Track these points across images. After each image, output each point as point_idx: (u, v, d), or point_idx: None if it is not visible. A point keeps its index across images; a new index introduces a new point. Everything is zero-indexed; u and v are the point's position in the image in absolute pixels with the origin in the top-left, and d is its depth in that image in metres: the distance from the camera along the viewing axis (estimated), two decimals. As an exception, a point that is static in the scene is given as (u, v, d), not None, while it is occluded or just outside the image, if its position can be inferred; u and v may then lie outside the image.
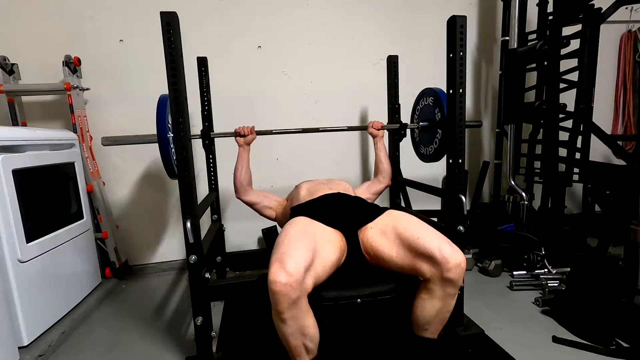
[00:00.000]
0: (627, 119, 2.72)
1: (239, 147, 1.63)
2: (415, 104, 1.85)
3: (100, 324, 1.72)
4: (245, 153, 1.63)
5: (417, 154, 1.89)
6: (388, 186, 1.82)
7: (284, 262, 0.95)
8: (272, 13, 2.27)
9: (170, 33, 1.09)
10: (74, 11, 2.06)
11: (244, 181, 1.62)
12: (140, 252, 2.32)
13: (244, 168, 1.61)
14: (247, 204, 1.67)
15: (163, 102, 1.36)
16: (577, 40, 1.95)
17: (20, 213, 1.41)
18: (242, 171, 1.61)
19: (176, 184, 1.21)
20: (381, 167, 1.81)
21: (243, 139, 1.62)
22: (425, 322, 1.12)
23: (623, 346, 1.31)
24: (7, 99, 1.87)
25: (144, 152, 2.19)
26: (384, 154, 1.82)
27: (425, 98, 1.72)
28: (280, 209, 1.65)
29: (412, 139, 1.95)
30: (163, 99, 1.37)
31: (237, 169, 1.62)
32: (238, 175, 1.61)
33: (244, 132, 1.61)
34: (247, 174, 1.62)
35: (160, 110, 1.35)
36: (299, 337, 1.01)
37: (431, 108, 1.66)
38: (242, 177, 1.61)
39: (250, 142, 1.64)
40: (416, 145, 1.91)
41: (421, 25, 2.46)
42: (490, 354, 1.33)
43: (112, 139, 1.42)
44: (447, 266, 1.01)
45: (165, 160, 1.36)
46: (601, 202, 1.84)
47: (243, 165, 1.61)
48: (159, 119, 1.33)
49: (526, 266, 1.97)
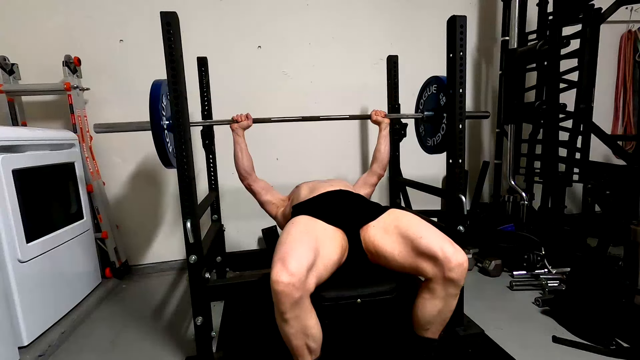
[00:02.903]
0: (627, 119, 2.72)
1: (233, 133, 1.58)
2: (419, 97, 1.81)
3: (100, 324, 1.72)
4: (241, 138, 1.58)
5: (424, 148, 1.83)
6: (381, 176, 1.75)
7: (286, 262, 0.94)
8: (272, 13, 2.27)
9: (170, 33, 1.09)
10: (74, 11, 2.06)
11: (247, 166, 1.58)
12: (140, 252, 2.32)
13: (243, 152, 1.57)
14: (252, 192, 1.63)
15: (156, 87, 1.32)
16: (577, 40, 1.96)
17: (20, 213, 1.41)
18: (243, 156, 1.57)
19: (176, 183, 1.21)
20: (378, 155, 1.73)
21: (238, 124, 1.57)
22: (426, 322, 1.12)
23: (623, 346, 1.31)
24: (7, 99, 1.87)
25: (144, 152, 2.19)
26: (385, 143, 1.73)
27: (429, 88, 1.70)
28: (282, 208, 1.63)
29: (418, 134, 1.88)
30: (156, 85, 1.33)
31: (237, 155, 1.58)
32: (239, 161, 1.57)
33: (240, 118, 1.57)
34: (248, 159, 1.58)
35: (153, 96, 1.29)
36: (301, 338, 1.01)
37: (435, 96, 1.63)
38: (243, 161, 1.57)
39: (246, 128, 1.60)
40: (422, 140, 1.84)
41: (421, 25, 2.46)
42: (490, 354, 1.33)
43: (104, 126, 1.40)
44: (449, 266, 1.01)
45: (160, 147, 1.32)
46: (601, 202, 1.83)
47: (242, 150, 1.57)
48: (152, 105, 1.29)
49: (526, 266, 1.97)
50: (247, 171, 1.58)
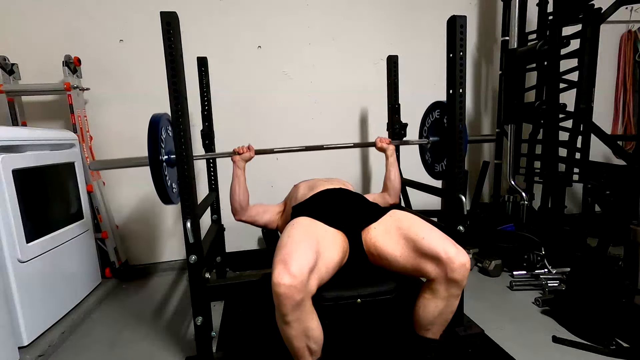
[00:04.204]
0: (627, 119, 2.72)
1: (234, 165, 1.51)
2: (422, 122, 1.75)
3: (100, 324, 1.72)
4: (241, 171, 1.51)
5: (431, 174, 1.73)
6: (396, 204, 1.69)
7: (287, 264, 0.93)
8: (272, 13, 2.27)
9: (170, 33, 1.09)
10: (74, 11, 2.06)
11: (243, 202, 1.51)
12: (140, 252, 2.31)
13: (241, 188, 1.50)
14: (247, 223, 1.59)
15: (155, 122, 1.26)
16: (577, 40, 1.95)
17: (20, 213, 1.41)
18: (240, 192, 1.50)
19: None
20: (389, 184, 1.67)
21: (240, 156, 1.51)
22: (428, 323, 1.12)
23: (623, 346, 1.31)
24: (7, 99, 1.87)
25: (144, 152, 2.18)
26: (394, 170, 1.66)
27: (432, 114, 1.64)
28: (280, 217, 1.60)
29: (423, 161, 1.81)
30: (156, 119, 1.27)
31: (235, 190, 1.50)
32: (236, 196, 1.50)
33: (242, 150, 1.51)
34: (245, 194, 1.51)
35: (152, 131, 1.24)
36: (302, 339, 1.00)
37: (439, 121, 1.59)
38: (240, 197, 1.50)
39: (248, 160, 1.54)
40: (429, 166, 1.75)
41: (421, 25, 2.46)
42: (490, 354, 1.33)
43: (100, 163, 1.39)
44: (452, 266, 1.01)
45: (158, 185, 1.25)
46: (601, 202, 1.83)
47: (240, 185, 1.50)
48: (151, 140, 1.22)
49: (526, 266, 1.97)
50: (242, 206, 1.52)
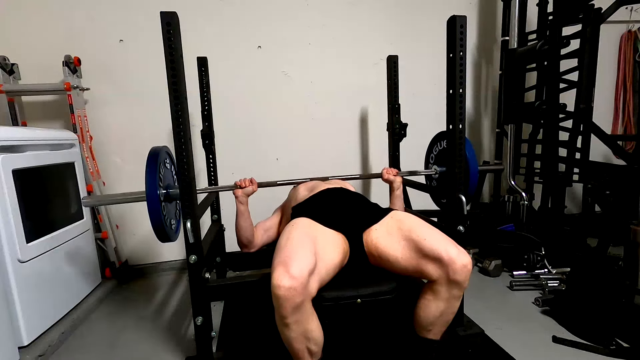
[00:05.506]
0: (627, 119, 2.72)
1: (237, 201, 1.41)
2: (429, 151, 1.68)
3: (100, 324, 1.72)
4: (245, 207, 1.42)
5: (439, 205, 1.64)
6: None
7: (287, 266, 0.93)
8: (272, 13, 2.27)
9: (170, 33, 1.09)
10: (74, 11, 2.06)
11: (250, 237, 1.46)
12: (140, 252, 2.31)
13: (247, 224, 1.43)
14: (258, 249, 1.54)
15: (154, 156, 1.21)
16: (577, 40, 1.96)
17: (20, 213, 1.41)
18: (246, 226, 1.43)
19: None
20: None
21: (242, 191, 1.41)
22: (428, 323, 1.12)
23: (623, 346, 1.31)
24: (7, 99, 1.86)
25: (144, 152, 2.18)
26: (399, 205, 1.57)
27: (440, 143, 1.57)
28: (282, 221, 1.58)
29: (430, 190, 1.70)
30: (154, 153, 1.22)
31: (240, 225, 1.43)
32: (243, 232, 1.44)
33: (244, 183, 1.43)
34: (250, 229, 1.45)
35: (150, 165, 1.19)
36: (302, 341, 1.00)
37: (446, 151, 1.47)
38: (247, 234, 1.44)
39: (250, 194, 1.44)
40: (436, 196, 1.66)
41: (421, 26, 2.46)
42: (490, 354, 1.33)
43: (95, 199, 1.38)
44: (453, 267, 1.01)
45: (155, 222, 1.17)
46: (601, 202, 1.83)
47: (246, 221, 1.42)
48: (149, 175, 1.17)
49: (526, 266, 1.97)
50: (249, 240, 1.47)
